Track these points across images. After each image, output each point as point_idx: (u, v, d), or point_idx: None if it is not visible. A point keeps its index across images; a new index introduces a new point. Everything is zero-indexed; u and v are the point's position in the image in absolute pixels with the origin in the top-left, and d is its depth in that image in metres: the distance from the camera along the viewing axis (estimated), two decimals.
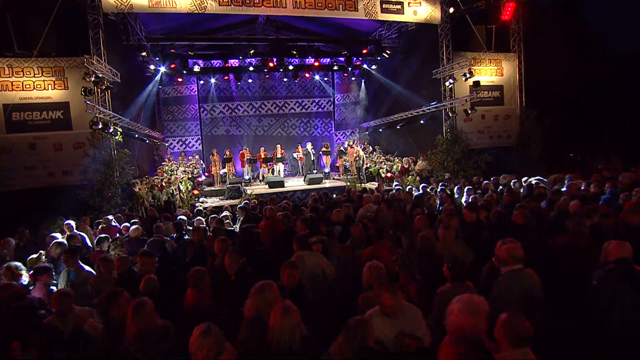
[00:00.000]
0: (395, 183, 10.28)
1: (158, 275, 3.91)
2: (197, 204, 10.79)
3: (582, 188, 6.97)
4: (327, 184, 12.64)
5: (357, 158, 13.76)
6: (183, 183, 12.49)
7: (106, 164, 9.52)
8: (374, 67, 17.40)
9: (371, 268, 3.24)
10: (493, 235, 4.01)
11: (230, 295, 3.70)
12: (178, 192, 11.05)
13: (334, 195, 8.98)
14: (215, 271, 4.09)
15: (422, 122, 13.99)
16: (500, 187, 9.10)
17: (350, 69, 17.16)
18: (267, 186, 12.39)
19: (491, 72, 13.27)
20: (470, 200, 7.33)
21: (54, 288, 4.16)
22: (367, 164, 14.53)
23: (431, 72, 13.28)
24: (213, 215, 6.80)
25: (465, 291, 2.61)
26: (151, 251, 4.37)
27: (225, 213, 7.15)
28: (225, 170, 14.79)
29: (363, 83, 19.02)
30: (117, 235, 6.21)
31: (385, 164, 14.37)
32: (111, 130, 9.38)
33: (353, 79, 18.96)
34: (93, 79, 8.69)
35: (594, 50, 19.40)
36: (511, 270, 3.09)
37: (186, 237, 6.11)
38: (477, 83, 11.75)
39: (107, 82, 9.64)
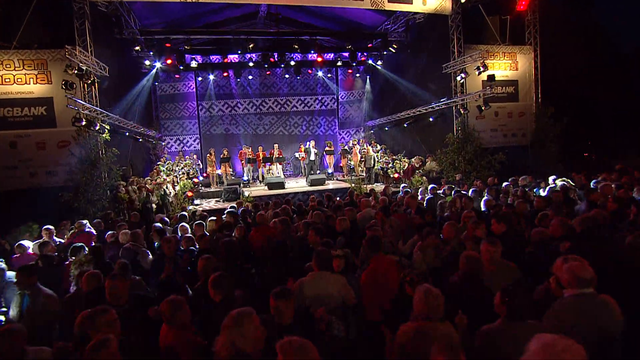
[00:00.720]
0: (402, 185, 9.50)
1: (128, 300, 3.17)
2: (190, 207, 10.08)
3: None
4: (331, 185, 11.91)
5: (367, 157, 12.99)
6: (180, 183, 11.81)
7: (92, 163, 8.82)
8: (379, 62, 16.60)
9: (427, 294, 2.41)
10: (542, 250, 3.23)
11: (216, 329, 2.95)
12: (170, 193, 10.34)
13: (337, 199, 8.23)
14: (198, 297, 3.34)
15: (431, 119, 13.22)
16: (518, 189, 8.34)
17: (354, 64, 16.39)
18: (266, 187, 11.66)
19: (505, 66, 12.46)
20: (492, 205, 6.57)
21: (2, 318, 3.40)
22: (378, 164, 13.77)
23: (441, 67, 12.51)
24: (199, 222, 6.02)
25: (529, 332, 1.84)
26: (123, 273, 3.57)
27: (213, 218, 6.40)
28: (221, 170, 14.08)
29: (368, 80, 18.27)
30: (93, 244, 5.49)
31: (392, 163, 13.59)
32: (97, 127, 8.68)
33: (357, 75, 18.19)
34: (76, 71, 7.98)
35: (606, 47, 18.57)
36: (577, 295, 2.32)
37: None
38: (491, 77, 10.95)
39: (94, 75, 8.94)
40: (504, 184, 8.47)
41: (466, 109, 11.69)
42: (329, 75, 18.01)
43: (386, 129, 16.86)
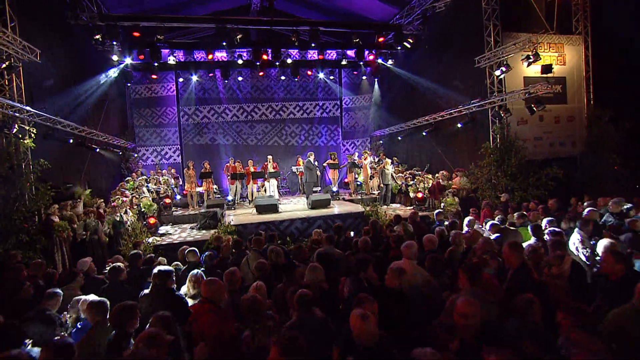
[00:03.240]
0: (437, 211, 6.96)
1: None
2: (151, 239, 7.51)
3: None
4: (336, 208, 9.36)
5: (382, 173, 10.47)
6: (144, 206, 9.24)
7: (6, 180, 6.27)
8: (390, 62, 14.32)
9: None
10: None
11: None
12: (126, 221, 7.74)
13: (351, 234, 5.71)
14: None
15: (459, 125, 10.77)
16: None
17: (361, 63, 14.06)
18: (254, 210, 9.09)
19: (551, 59, 10.10)
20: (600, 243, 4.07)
21: None
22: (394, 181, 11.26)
23: (470, 62, 10.18)
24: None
25: None
26: None
27: (161, 268, 3.77)
28: (202, 188, 11.55)
29: (376, 82, 15.92)
30: None
31: (413, 180, 11.09)
32: (15, 130, 6.17)
33: (364, 78, 15.87)
34: None
35: None
36: None
37: None
38: (547, 68, 8.60)
39: (15, 60, 6.48)
40: (587, 209, 5.94)
41: (508, 111, 9.27)
42: (332, 77, 15.68)
43: (399, 138, 14.43)
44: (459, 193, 10.00)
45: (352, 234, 5.92)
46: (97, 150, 9.87)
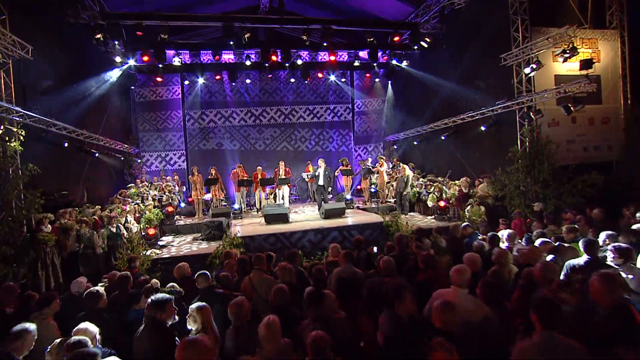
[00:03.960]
0: (465, 223, 6.17)
1: None
2: (150, 251, 6.84)
3: None
4: (350, 218, 8.60)
5: (400, 179, 9.70)
6: (147, 214, 8.59)
7: None
8: (405, 63, 13.63)
9: None
10: None
11: None
12: (123, 233, 7.07)
13: (374, 250, 4.97)
14: None
15: (483, 129, 10.00)
16: None
17: (375, 65, 13.38)
18: (263, 220, 8.38)
19: (584, 56, 9.28)
20: None
21: None
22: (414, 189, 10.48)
23: (493, 62, 9.51)
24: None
25: None
26: None
27: (154, 298, 3.04)
28: (209, 195, 10.91)
29: (390, 85, 15.23)
30: None
31: (430, 187, 10.30)
32: (0, 130, 5.58)
33: (377, 80, 15.19)
34: None
35: None
36: None
37: None
38: (587, 63, 7.78)
39: (1, 56, 5.92)
40: None
41: (539, 112, 8.48)
42: (343, 80, 15.02)
43: (415, 143, 13.67)
44: (484, 201, 9.19)
45: (375, 249, 5.14)
46: (97, 155, 9.27)
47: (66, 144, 7.65)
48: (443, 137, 11.85)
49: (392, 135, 15.47)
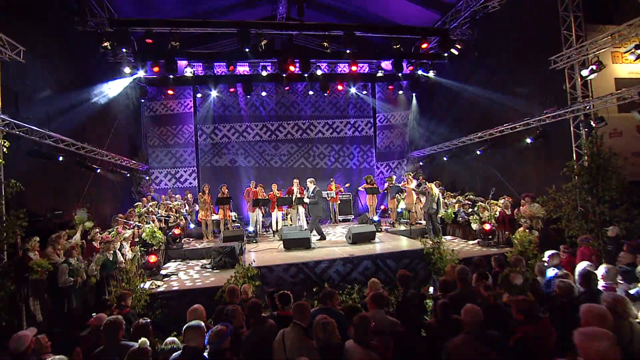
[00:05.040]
0: (551, 252, 4.93)
1: None
2: (148, 283, 5.80)
3: None
4: (381, 243, 7.44)
5: (429, 198, 8.53)
6: (147, 236, 7.59)
7: None
8: (431, 73, 12.68)
9: None
10: None
11: None
12: (120, 260, 6.05)
13: (430, 290, 3.83)
14: None
15: (528, 141, 8.83)
16: None
17: (400, 75, 12.44)
18: (281, 245, 7.27)
19: None
20: None
21: None
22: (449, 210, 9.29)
23: (537, 66, 8.52)
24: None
25: None
26: None
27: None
28: (218, 216, 9.92)
29: (414, 97, 14.24)
30: None
31: (468, 207, 9.10)
32: None
33: (400, 92, 14.22)
34: None
35: None
36: None
37: None
38: None
39: None
40: None
41: (602, 120, 7.30)
42: (364, 92, 14.12)
43: (444, 159, 12.51)
44: (534, 223, 7.94)
45: (431, 289, 3.97)
46: (99, 171, 8.42)
47: (61, 158, 6.78)
48: (478, 152, 10.71)
49: (416, 151, 14.38)
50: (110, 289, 5.17)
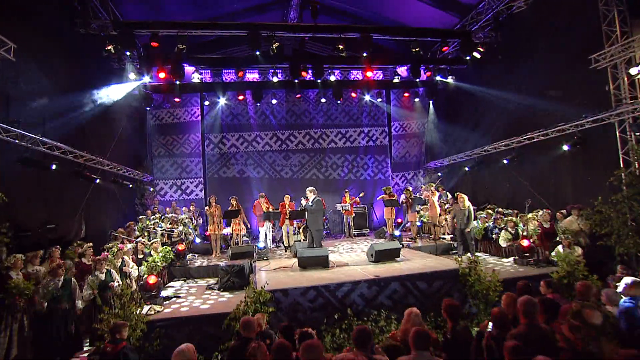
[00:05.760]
0: (631, 279, 4.09)
1: None
2: (146, 308, 5.07)
3: None
4: (407, 262, 6.64)
5: (458, 212, 7.74)
6: (151, 256, 6.89)
7: None
8: (450, 78, 12.02)
9: None
10: None
11: None
12: (117, 283, 5.34)
13: (488, 327, 3.04)
14: None
15: (566, 148, 8.05)
16: None
17: (418, 81, 11.79)
18: (296, 264, 6.50)
19: None
20: None
21: None
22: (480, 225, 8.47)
23: (573, 67, 7.87)
24: None
25: None
26: None
27: None
28: (229, 229, 9.22)
29: (432, 105, 13.56)
30: None
31: (501, 221, 8.29)
32: None
33: (417, 100, 13.56)
34: None
35: None
36: None
37: None
38: None
39: None
40: None
41: None
42: (379, 99, 13.49)
43: (466, 169, 11.74)
44: (578, 239, 7.10)
45: (490, 325, 3.18)
46: (98, 181, 7.80)
47: (54, 166, 6.16)
48: (505, 161, 9.94)
49: (433, 162, 13.63)
50: (101, 316, 4.46)
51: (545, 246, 7.11)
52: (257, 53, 9.05)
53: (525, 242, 6.85)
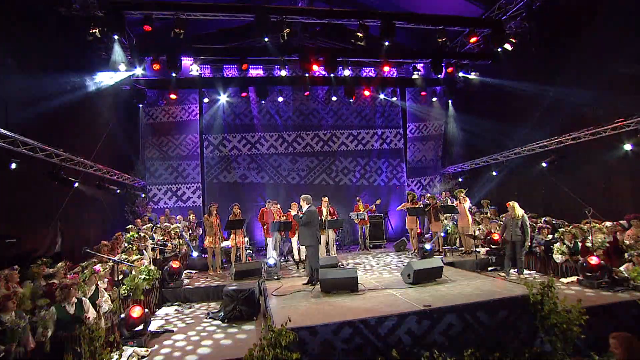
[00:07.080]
0: None
1: None
2: (128, 352, 3.81)
3: None
4: (447, 283, 5.42)
5: (509, 222, 6.52)
6: (135, 277, 5.61)
7: None
8: (473, 74, 10.97)
9: None
10: None
11: None
12: (89, 312, 4.10)
13: None
14: None
15: (628, 148, 6.94)
16: None
17: (439, 77, 10.69)
18: (318, 288, 5.21)
19: None
20: None
21: None
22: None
23: (627, 52, 6.69)
24: None
25: None
26: None
27: None
28: (229, 242, 7.98)
29: (451, 105, 12.46)
30: None
31: (549, 233, 7.10)
32: None
33: (434, 99, 12.46)
34: None
35: None
36: None
37: None
38: None
39: None
40: None
41: None
42: (394, 98, 12.37)
43: (493, 174, 10.61)
44: None
45: None
46: (77, 185, 6.55)
47: (14, 165, 4.92)
48: (544, 164, 8.81)
49: (452, 166, 12.50)
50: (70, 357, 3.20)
51: (615, 263, 5.92)
52: (266, 39, 7.89)
53: (594, 260, 5.65)
